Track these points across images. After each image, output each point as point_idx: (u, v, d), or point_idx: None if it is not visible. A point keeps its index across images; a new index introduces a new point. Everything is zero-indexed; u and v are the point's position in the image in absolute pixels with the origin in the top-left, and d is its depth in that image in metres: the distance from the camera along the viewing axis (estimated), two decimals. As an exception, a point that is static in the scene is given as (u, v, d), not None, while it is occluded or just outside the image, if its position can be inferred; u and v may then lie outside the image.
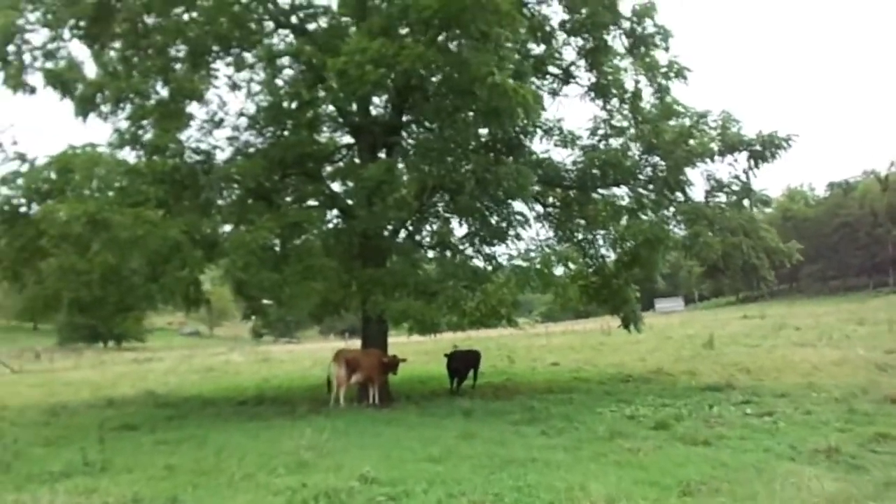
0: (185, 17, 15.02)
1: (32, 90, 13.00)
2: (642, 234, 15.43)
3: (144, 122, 13.85)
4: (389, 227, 15.14)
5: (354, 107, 16.52)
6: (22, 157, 12.00)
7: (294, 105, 16.30)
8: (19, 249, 12.17)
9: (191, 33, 14.11)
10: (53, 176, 11.77)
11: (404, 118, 15.84)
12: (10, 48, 12.79)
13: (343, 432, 10.81)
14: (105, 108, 14.03)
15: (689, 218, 15.28)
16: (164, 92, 14.69)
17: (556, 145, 17.57)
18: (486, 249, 17.20)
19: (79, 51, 14.75)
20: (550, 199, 18.85)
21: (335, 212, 16.80)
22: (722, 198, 16.05)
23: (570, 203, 18.09)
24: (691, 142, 15.89)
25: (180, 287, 12.32)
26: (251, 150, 15.36)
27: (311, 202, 15.89)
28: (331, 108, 17.52)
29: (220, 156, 15.03)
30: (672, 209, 16.47)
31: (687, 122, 15.75)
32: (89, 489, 7.39)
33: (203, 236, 12.54)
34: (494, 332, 30.81)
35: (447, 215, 18.35)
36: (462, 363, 18.75)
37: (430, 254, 17.51)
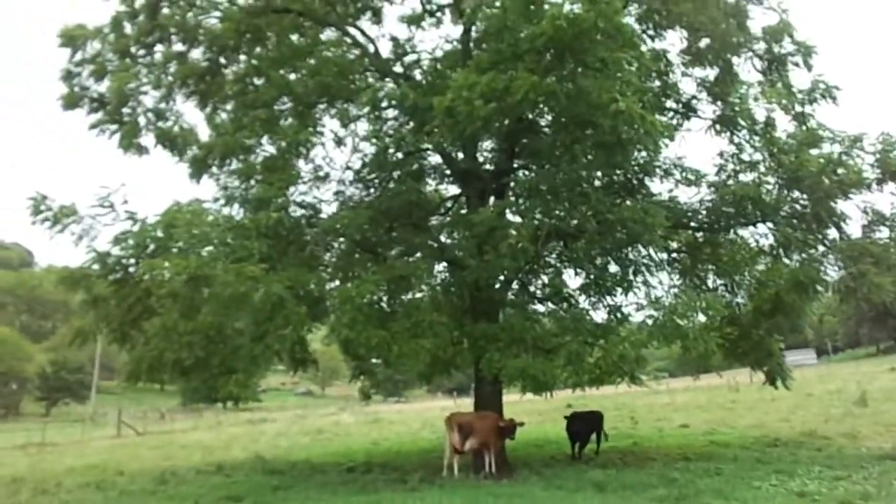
0: (292, 75, 14.82)
1: (145, 151, 12.94)
2: (790, 276, 13.41)
3: (251, 179, 13.54)
4: (501, 278, 13.92)
5: (461, 155, 15.74)
6: (132, 217, 11.73)
7: (399, 155, 15.72)
8: (127, 310, 11.82)
9: (298, 89, 13.73)
10: (160, 234, 11.41)
11: (515, 163, 14.77)
12: (125, 110, 12.84)
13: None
14: (215, 168, 13.83)
15: (848, 256, 13.08)
16: (271, 148, 14.45)
17: (678, 184, 15.97)
18: (607, 300, 15.66)
19: (192, 114, 14.82)
20: (674, 245, 17.09)
21: (443, 265, 15.85)
22: (884, 232, 13.79)
23: (699, 246, 16.22)
24: (840, 171, 13.85)
25: (285, 346, 11.50)
26: (356, 203, 14.69)
27: (419, 255, 14.84)
28: (437, 158, 16.89)
29: (326, 209, 14.49)
30: (821, 247, 14.37)
31: (836, 148, 13.70)
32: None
33: (307, 292, 11.76)
34: (610, 391, 28.79)
35: (559, 265, 17.01)
36: (584, 425, 17.08)
37: (541, 307, 16.24)
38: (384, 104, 13.31)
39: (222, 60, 13.40)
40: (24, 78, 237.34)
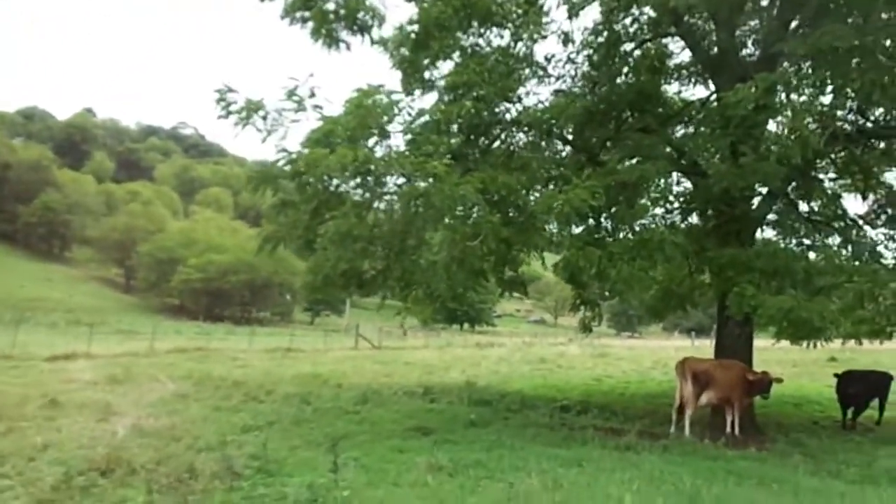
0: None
1: (336, 42, 11.41)
2: None
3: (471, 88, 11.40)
4: (763, 191, 10.45)
5: (714, 43, 12.16)
6: (319, 111, 10.33)
7: (631, 46, 12.58)
8: (312, 214, 10.63)
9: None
10: (343, 127, 9.87)
11: (794, 24, 10.68)
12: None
13: (688, 495, 6.69)
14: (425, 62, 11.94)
15: None
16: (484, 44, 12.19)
17: None
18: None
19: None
20: None
21: (677, 177, 12.63)
22: None
23: None
24: None
25: (478, 262, 9.47)
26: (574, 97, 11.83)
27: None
28: (680, 55, 13.40)
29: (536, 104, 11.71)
30: None
31: None
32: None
33: (503, 198, 9.51)
34: (883, 346, 22.78)
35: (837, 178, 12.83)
36: (863, 388, 13.11)
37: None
38: None
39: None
40: None
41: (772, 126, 10.87)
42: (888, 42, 8.80)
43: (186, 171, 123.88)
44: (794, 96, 9.22)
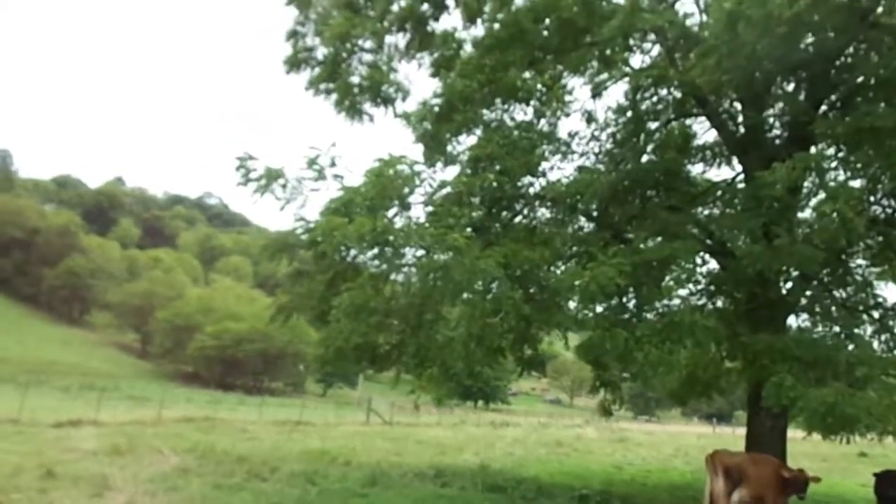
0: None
1: (359, 113, 11.34)
2: None
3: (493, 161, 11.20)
4: (795, 273, 9.88)
5: (740, 123, 11.92)
6: (339, 180, 10.12)
7: (656, 125, 12.38)
8: (328, 284, 10.25)
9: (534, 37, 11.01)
10: (363, 198, 9.59)
11: (823, 108, 10.40)
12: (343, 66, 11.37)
13: None
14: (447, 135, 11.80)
15: None
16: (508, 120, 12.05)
17: None
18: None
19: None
20: None
21: (703, 258, 12.13)
22: None
23: None
24: None
25: (497, 338, 8.93)
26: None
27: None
28: (705, 135, 13.16)
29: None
30: None
31: None
32: None
33: (526, 273, 9.06)
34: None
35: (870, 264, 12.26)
36: (903, 489, 12.12)
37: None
38: (638, 36, 10.07)
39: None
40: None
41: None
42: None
43: (209, 240, 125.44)
44: (828, 178, 8.87)
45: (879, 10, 8.94)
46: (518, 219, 11.42)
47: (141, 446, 16.01)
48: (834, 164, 9.47)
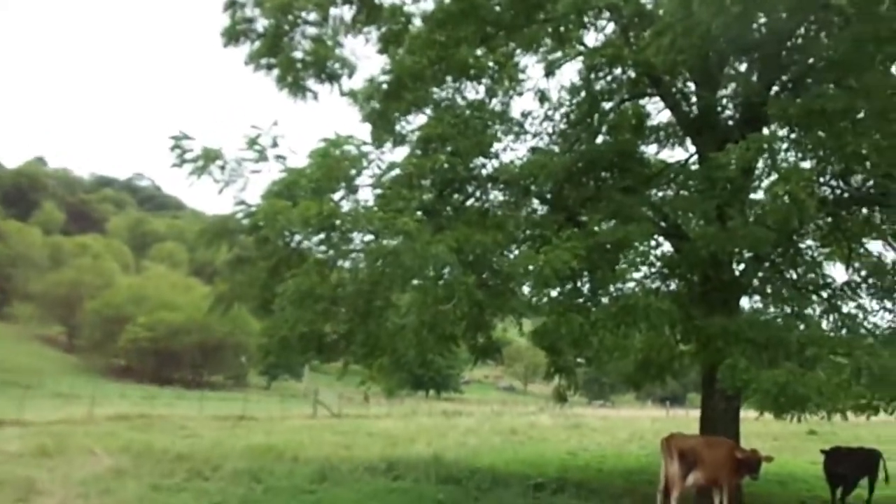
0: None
1: (303, 91, 11.17)
2: None
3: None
4: (748, 255, 10.25)
5: (694, 104, 12.26)
6: (282, 162, 10.00)
7: (610, 105, 12.61)
8: (271, 272, 10.17)
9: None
10: (308, 180, 9.52)
11: (775, 89, 10.78)
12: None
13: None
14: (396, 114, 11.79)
15: None
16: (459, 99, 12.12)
17: None
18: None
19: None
20: None
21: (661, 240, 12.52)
22: None
23: None
24: None
25: (449, 326, 9.01)
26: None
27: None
28: (659, 115, 13.48)
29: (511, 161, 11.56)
30: None
31: None
32: None
33: (478, 258, 9.17)
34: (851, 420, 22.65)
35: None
36: (851, 467, 12.81)
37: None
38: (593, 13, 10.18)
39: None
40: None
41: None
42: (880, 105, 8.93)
43: (140, 225, 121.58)
44: (780, 160, 9.18)
45: (830, -10, 9.31)
46: (470, 202, 11.41)
47: (71, 447, 15.58)
48: (786, 146, 9.84)
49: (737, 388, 9.00)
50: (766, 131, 10.64)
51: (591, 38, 12.91)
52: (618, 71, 11.80)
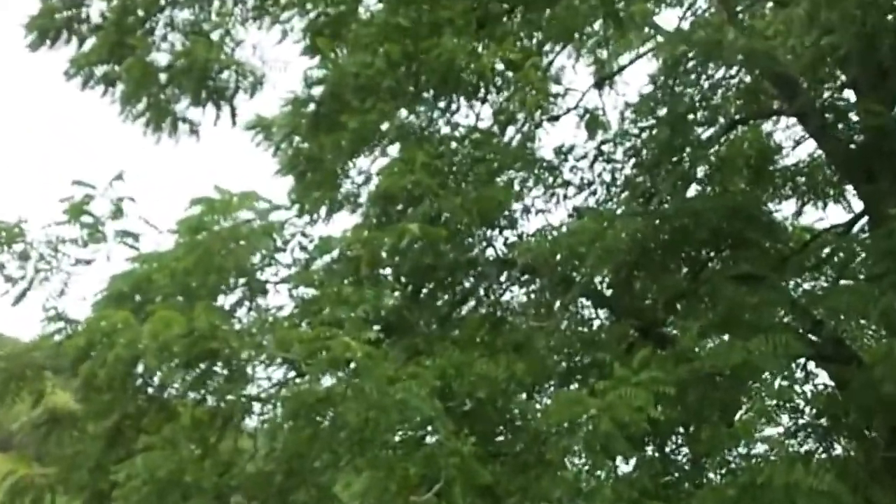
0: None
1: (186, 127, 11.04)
2: None
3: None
4: None
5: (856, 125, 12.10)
6: (131, 241, 9.70)
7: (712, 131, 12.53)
8: (109, 440, 9.17)
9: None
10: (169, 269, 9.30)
11: None
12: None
13: None
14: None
15: None
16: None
17: None
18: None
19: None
20: None
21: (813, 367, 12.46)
22: None
23: None
24: None
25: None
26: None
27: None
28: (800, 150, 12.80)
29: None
30: None
31: None
32: None
33: (479, 403, 8.88)
34: None
35: None
36: None
37: None
38: None
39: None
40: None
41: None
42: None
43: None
44: None
45: None
46: (468, 305, 10.34)
47: None
48: None
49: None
50: None
51: (672, 18, 11.99)
52: (720, 73, 10.96)
